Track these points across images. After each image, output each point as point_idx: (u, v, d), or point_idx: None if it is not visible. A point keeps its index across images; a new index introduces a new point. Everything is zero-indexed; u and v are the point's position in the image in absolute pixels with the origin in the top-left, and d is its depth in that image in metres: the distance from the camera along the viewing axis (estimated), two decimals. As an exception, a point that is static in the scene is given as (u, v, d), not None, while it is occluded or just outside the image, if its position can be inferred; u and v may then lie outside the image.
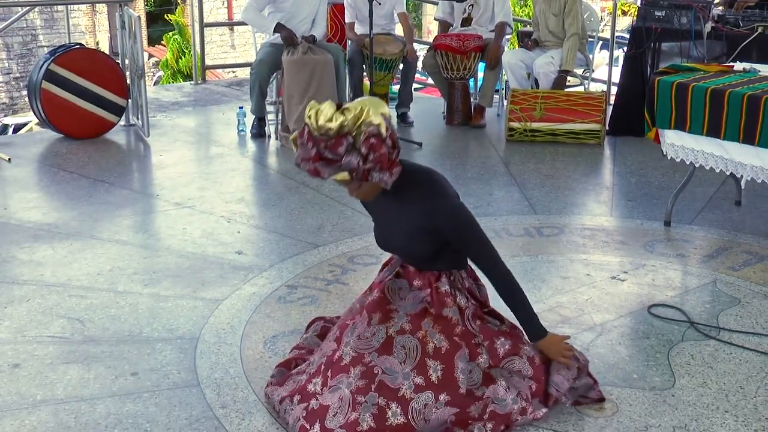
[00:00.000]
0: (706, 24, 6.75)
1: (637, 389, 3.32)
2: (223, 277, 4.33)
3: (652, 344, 3.69)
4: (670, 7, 6.95)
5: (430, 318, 3.06)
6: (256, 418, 3.10)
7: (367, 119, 2.79)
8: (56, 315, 3.90)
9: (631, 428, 3.06)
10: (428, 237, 3.03)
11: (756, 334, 3.74)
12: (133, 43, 7.03)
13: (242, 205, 5.53)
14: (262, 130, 7.15)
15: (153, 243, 4.84)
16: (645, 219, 5.24)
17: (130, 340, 3.67)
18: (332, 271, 4.42)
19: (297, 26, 6.99)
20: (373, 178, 2.84)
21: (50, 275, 4.33)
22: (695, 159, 4.83)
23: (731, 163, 4.65)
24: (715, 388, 3.34)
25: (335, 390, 2.95)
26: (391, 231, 3.14)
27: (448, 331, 3.04)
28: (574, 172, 6.23)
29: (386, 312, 3.08)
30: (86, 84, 6.81)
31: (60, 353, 3.55)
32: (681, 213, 5.26)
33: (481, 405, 2.97)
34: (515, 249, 4.73)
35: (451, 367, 2.99)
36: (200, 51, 9.54)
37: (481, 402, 2.98)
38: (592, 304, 4.07)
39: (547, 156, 6.62)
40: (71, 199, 5.53)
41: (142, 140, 7.00)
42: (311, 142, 2.82)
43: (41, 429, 3.03)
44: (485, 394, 3.00)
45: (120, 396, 3.24)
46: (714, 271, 4.47)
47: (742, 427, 3.09)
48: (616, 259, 4.62)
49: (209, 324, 3.82)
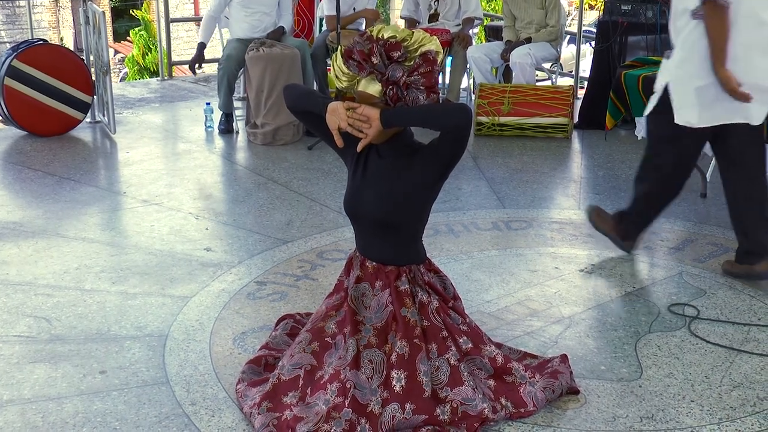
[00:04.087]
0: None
1: (605, 380, 3.36)
2: (191, 274, 4.32)
3: (620, 336, 3.73)
4: (635, 1, 7.03)
5: (394, 329, 3.05)
6: (226, 414, 3.10)
7: (428, 45, 2.92)
8: (22, 314, 3.87)
9: (599, 419, 3.10)
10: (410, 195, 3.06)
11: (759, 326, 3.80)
12: (98, 38, 6.98)
13: (210, 201, 5.52)
14: (230, 126, 7.14)
15: (120, 240, 4.82)
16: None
17: (98, 338, 3.66)
18: (301, 266, 4.42)
19: (261, 18, 7.03)
20: (408, 96, 2.91)
21: (15, 274, 4.30)
22: None
23: None
24: (681, 378, 3.38)
25: (312, 406, 2.97)
26: (367, 193, 3.11)
27: (408, 335, 3.03)
28: (542, 166, 6.27)
29: (354, 324, 3.09)
30: (50, 80, 6.76)
31: (26, 352, 3.53)
32: (648, 206, 5.30)
33: (449, 408, 2.98)
34: (484, 243, 4.76)
35: (414, 373, 3.00)
36: (166, 47, 9.51)
37: (446, 404, 2.98)
38: (560, 296, 4.11)
39: (516, 150, 6.66)
40: (36, 197, 5.50)
41: (108, 137, 6.96)
42: (370, 42, 2.92)
43: (8, 429, 3.01)
44: (449, 397, 3.00)
45: (88, 394, 3.23)
46: (680, 263, 4.52)
47: (708, 415, 3.13)
48: (584, 252, 4.66)
49: (178, 321, 3.81)
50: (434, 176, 3.05)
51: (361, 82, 2.97)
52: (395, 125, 2.98)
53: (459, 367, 3.06)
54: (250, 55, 6.73)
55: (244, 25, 7.07)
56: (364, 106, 2.95)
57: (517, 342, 3.60)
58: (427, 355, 3.04)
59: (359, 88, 2.98)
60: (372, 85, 2.95)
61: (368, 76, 2.95)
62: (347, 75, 2.99)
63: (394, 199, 3.06)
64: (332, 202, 5.36)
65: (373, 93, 2.95)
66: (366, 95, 2.97)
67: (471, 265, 4.45)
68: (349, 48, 2.96)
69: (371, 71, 2.94)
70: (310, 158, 6.38)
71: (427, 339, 3.07)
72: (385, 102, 2.95)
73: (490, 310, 3.93)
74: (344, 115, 2.98)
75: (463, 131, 2.95)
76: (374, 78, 2.95)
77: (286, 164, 6.23)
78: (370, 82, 2.96)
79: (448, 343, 3.09)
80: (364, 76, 2.96)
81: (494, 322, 3.79)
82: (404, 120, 2.99)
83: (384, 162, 3.09)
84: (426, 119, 2.97)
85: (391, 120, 2.95)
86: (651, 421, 3.09)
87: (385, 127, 2.95)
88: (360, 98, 2.99)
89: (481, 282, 4.24)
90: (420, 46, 2.92)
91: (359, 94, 2.99)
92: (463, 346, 3.15)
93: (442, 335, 3.10)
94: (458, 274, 4.25)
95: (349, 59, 2.96)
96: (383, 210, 3.08)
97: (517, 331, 3.73)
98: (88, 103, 7.02)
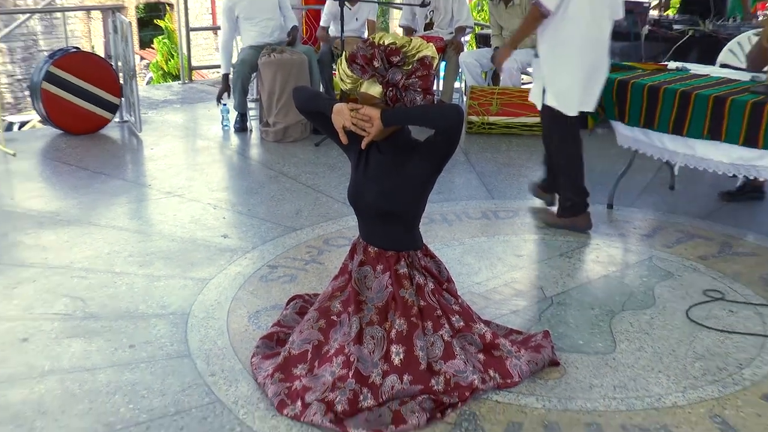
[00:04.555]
0: (643, 27, 6.83)
1: (583, 354, 3.38)
2: (210, 258, 4.34)
3: (596, 314, 3.75)
4: (611, 12, 7.01)
5: (393, 308, 3.07)
6: (242, 384, 3.12)
7: (425, 51, 2.92)
8: (60, 294, 3.90)
9: (577, 388, 3.12)
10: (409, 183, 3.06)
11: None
12: (125, 46, 6.98)
13: (227, 193, 5.54)
14: (244, 125, 7.15)
15: (146, 228, 4.84)
16: (590, 202, 5.29)
17: (127, 316, 3.68)
18: (309, 252, 4.44)
19: (267, 24, 7.03)
20: (406, 97, 2.91)
21: (53, 258, 4.33)
22: (638, 147, 4.92)
23: (666, 151, 4.73)
24: (651, 352, 3.41)
25: (320, 377, 2.99)
26: (369, 186, 3.11)
27: (406, 314, 3.04)
28: (527, 161, 6.27)
29: (358, 303, 3.10)
30: (83, 84, 6.76)
31: (64, 328, 3.56)
32: (622, 197, 5.33)
33: (442, 379, 2.99)
34: (474, 230, 4.78)
35: (411, 347, 3.01)
36: (187, 53, 9.49)
37: (440, 376, 3.00)
38: (543, 279, 4.13)
39: (503, 147, 6.66)
40: (71, 189, 5.51)
41: (135, 135, 6.97)
42: (372, 47, 2.92)
43: (49, 396, 3.04)
44: (443, 369, 3.01)
45: (119, 366, 3.25)
46: (650, 248, 4.54)
47: (673, 384, 3.16)
48: (564, 239, 4.68)
49: (198, 301, 3.83)
50: (430, 170, 3.06)
51: (364, 85, 2.97)
52: (394, 124, 2.98)
53: (452, 342, 3.08)
54: (262, 61, 6.75)
55: (253, 33, 7.07)
56: (366, 107, 2.95)
57: (504, 320, 3.63)
58: (423, 331, 3.05)
59: (362, 90, 2.98)
60: (373, 87, 2.95)
61: (370, 78, 2.95)
62: (351, 78, 2.99)
63: (394, 191, 3.07)
64: (337, 194, 5.38)
65: (375, 94, 2.95)
66: (368, 96, 2.96)
67: (462, 251, 4.47)
68: (353, 53, 2.96)
69: (373, 74, 2.93)
70: (317, 154, 6.39)
71: (423, 317, 3.08)
72: (386, 103, 2.95)
73: (479, 291, 3.96)
74: (348, 115, 2.98)
75: (455, 129, 2.95)
76: (375, 80, 2.94)
77: (295, 159, 6.25)
78: (371, 85, 2.95)
79: (442, 321, 3.11)
80: (366, 78, 2.95)
81: (483, 302, 3.81)
82: (403, 119, 2.99)
83: (384, 157, 3.10)
84: (422, 119, 2.97)
85: (391, 119, 2.95)
86: (623, 390, 3.12)
87: (386, 125, 2.95)
88: (362, 99, 2.98)
89: (471, 266, 4.27)
90: (417, 51, 2.92)
91: (362, 95, 2.98)
92: (456, 324, 3.17)
93: (436, 314, 3.11)
94: (451, 259, 4.27)
95: (353, 63, 2.95)
96: (384, 200, 3.08)
97: (503, 310, 3.75)
98: (117, 105, 7.03)
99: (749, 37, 5.75)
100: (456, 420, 2.91)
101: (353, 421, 2.83)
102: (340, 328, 3.13)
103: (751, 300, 3.90)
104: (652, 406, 3.02)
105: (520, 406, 3.00)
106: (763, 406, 3.03)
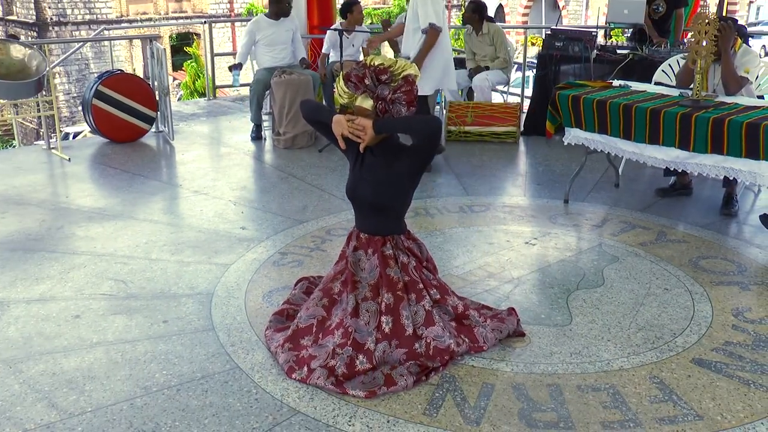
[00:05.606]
0: (592, 51, 6.80)
1: (544, 326, 3.35)
2: (231, 247, 4.29)
3: (555, 292, 3.71)
4: (566, 39, 6.99)
5: (384, 285, 3.04)
6: (258, 353, 3.09)
7: (409, 71, 2.92)
8: (105, 278, 3.85)
9: (540, 354, 3.09)
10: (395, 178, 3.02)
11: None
12: (160, 69, 6.93)
13: (245, 191, 5.48)
14: (259, 134, 7.09)
15: (177, 221, 4.78)
16: (550, 198, 5.27)
17: (162, 296, 3.64)
18: (314, 241, 4.39)
19: (281, 52, 7.01)
20: (393, 109, 2.90)
21: (100, 247, 4.27)
22: (590, 146, 4.90)
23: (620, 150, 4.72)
24: (601, 324, 3.38)
25: (323, 347, 2.96)
26: (364, 182, 3.06)
27: (393, 289, 3.02)
28: (496, 164, 6.23)
29: (353, 283, 3.07)
30: (125, 100, 6.69)
31: (109, 307, 3.52)
32: (576, 193, 5.29)
33: (424, 343, 2.97)
34: (452, 222, 4.74)
35: (398, 317, 2.99)
36: (211, 74, 9.43)
37: (422, 340, 2.98)
38: (511, 262, 4.09)
39: (477, 152, 6.61)
40: (115, 189, 5.45)
41: (168, 143, 6.90)
42: (364, 68, 2.93)
43: (97, 364, 3.00)
44: (424, 334, 2.99)
45: (155, 338, 3.21)
46: (600, 237, 4.51)
47: (620, 351, 3.13)
48: (528, 229, 4.64)
49: (221, 283, 3.79)
50: (415, 169, 3.03)
51: (358, 99, 2.96)
52: (384, 132, 2.96)
53: (432, 311, 3.05)
54: (274, 80, 6.70)
55: (268, 57, 7.03)
56: (361, 118, 2.94)
57: (478, 297, 3.58)
58: (408, 303, 3.03)
59: (356, 104, 2.96)
60: (366, 101, 2.94)
61: (363, 94, 2.94)
62: (347, 93, 2.98)
63: (384, 187, 3.04)
64: (337, 192, 5.33)
65: (367, 107, 2.94)
66: (361, 109, 2.95)
67: (443, 240, 4.42)
68: (348, 73, 2.96)
69: (365, 90, 2.93)
70: (321, 158, 6.34)
71: (408, 291, 3.06)
72: (376, 114, 2.94)
73: (457, 273, 3.92)
74: (345, 124, 2.96)
75: (435, 136, 2.93)
76: (367, 95, 2.94)
77: (302, 163, 6.19)
78: (364, 99, 2.94)
79: (423, 293, 3.08)
80: (359, 94, 2.95)
81: (461, 283, 3.78)
82: (391, 128, 2.97)
83: (376, 159, 3.06)
84: (407, 127, 2.96)
85: (381, 128, 2.93)
86: (578, 356, 3.09)
87: (377, 133, 2.93)
88: (357, 111, 2.97)
89: (450, 252, 4.23)
90: (402, 71, 2.91)
91: (356, 108, 2.97)
92: (434, 297, 3.14)
93: (418, 287, 3.08)
94: (433, 246, 4.23)
95: (348, 81, 2.96)
96: (376, 194, 3.05)
97: (478, 289, 3.72)
98: (153, 117, 6.95)
99: (678, 60, 5.76)
100: (438, 381, 2.88)
101: (351, 384, 2.81)
102: (340, 305, 3.10)
103: (683, 280, 3.87)
104: (602, 369, 2.99)
105: (492, 370, 2.97)
106: (692, 368, 3.00)
